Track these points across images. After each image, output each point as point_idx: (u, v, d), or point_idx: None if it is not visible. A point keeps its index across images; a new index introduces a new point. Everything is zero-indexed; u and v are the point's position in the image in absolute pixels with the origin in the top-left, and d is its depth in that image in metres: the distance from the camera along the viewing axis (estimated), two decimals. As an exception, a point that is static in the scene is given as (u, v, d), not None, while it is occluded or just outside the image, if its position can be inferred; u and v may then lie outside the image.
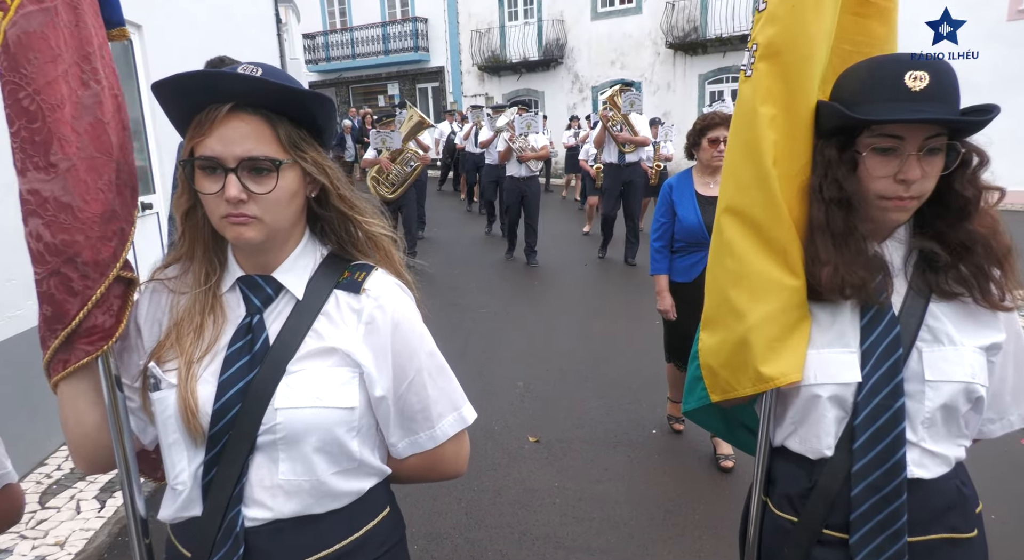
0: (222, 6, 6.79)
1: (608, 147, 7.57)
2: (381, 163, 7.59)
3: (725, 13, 15.21)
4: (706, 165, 3.08)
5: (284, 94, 0.91)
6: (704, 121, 3.03)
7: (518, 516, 2.92)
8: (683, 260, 3.15)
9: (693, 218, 3.04)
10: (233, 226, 0.93)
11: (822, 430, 1.14)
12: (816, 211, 1.13)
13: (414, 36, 20.06)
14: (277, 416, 0.95)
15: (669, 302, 3.23)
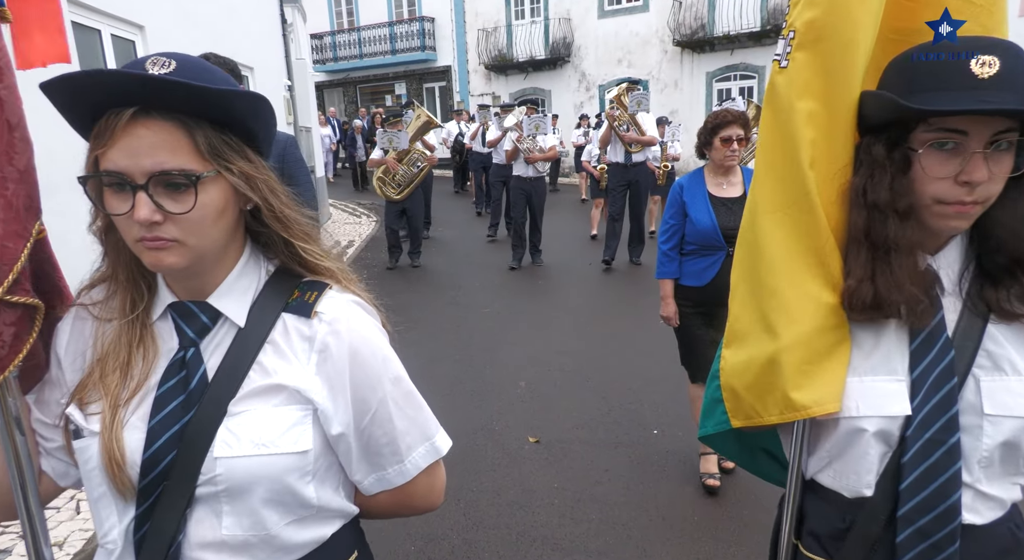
0: (226, 7, 6.82)
1: (614, 147, 7.47)
2: (388, 163, 7.51)
3: (733, 11, 15.13)
4: (718, 165, 2.97)
5: (199, 94, 0.76)
6: (716, 119, 2.91)
7: (516, 517, 2.91)
8: (696, 263, 3.00)
9: (707, 220, 2.91)
10: (149, 251, 0.80)
11: (862, 467, 1.00)
12: (857, 218, 0.99)
13: (421, 36, 20.08)
14: (217, 466, 0.82)
15: (673, 309, 3.08)
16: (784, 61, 1.04)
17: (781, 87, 1.04)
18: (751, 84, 15.55)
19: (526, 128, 7.58)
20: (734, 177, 3.00)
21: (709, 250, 2.95)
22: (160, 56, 0.78)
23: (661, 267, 3.09)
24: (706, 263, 2.96)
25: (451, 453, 3.37)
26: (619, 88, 7.49)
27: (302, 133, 10.01)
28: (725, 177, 2.99)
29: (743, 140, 2.90)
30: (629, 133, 7.28)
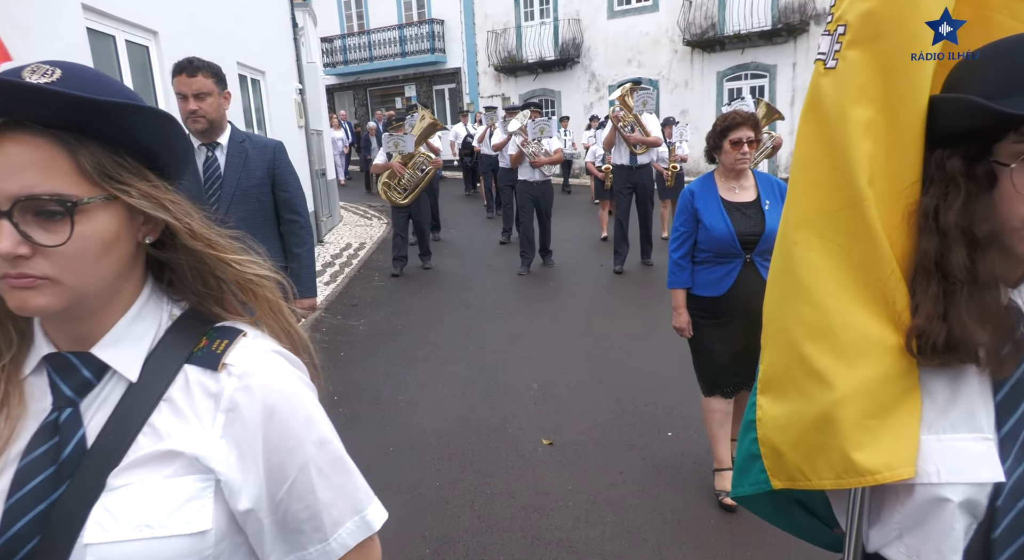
0: (238, 12, 6.86)
1: (619, 148, 7.32)
2: (393, 168, 7.41)
3: (743, 9, 15.04)
4: (729, 168, 2.87)
5: (84, 107, 0.65)
6: (725, 121, 2.81)
7: (530, 520, 2.90)
8: (710, 272, 2.88)
9: (722, 226, 2.79)
10: (14, 291, 0.66)
11: (945, 544, 0.83)
12: (927, 244, 0.84)
13: (430, 38, 20.12)
14: (87, 554, 0.67)
15: (686, 319, 2.98)
16: (831, 61, 0.89)
17: (828, 92, 0.89)
18: (762, 83, 15.46)
19: (531, 132, 7.43)
20: (746, 181, 2.91)
21: (725, 258, 2.83)
22: (45, 63, 0.68)
23: (672, 276, 2.97)
24: (722, 271, 2.85)
25: (465, 455, 3.38)
26: (623, 88, 7.31)
27: (313, 136, 10.05)
28: (737, 181, 2.90)
29: (754, 142, 2.82)
30: (634, 134, 7.14)
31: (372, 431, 3.80)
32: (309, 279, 2.88)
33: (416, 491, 3.15)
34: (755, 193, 2.88)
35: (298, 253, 2.82)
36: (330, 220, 10.95)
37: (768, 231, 2.75)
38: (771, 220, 2.77)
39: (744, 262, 2.80)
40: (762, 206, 2.82)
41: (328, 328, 5.81)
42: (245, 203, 2.66)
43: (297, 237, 2.84)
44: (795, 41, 14.83)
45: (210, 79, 2.57)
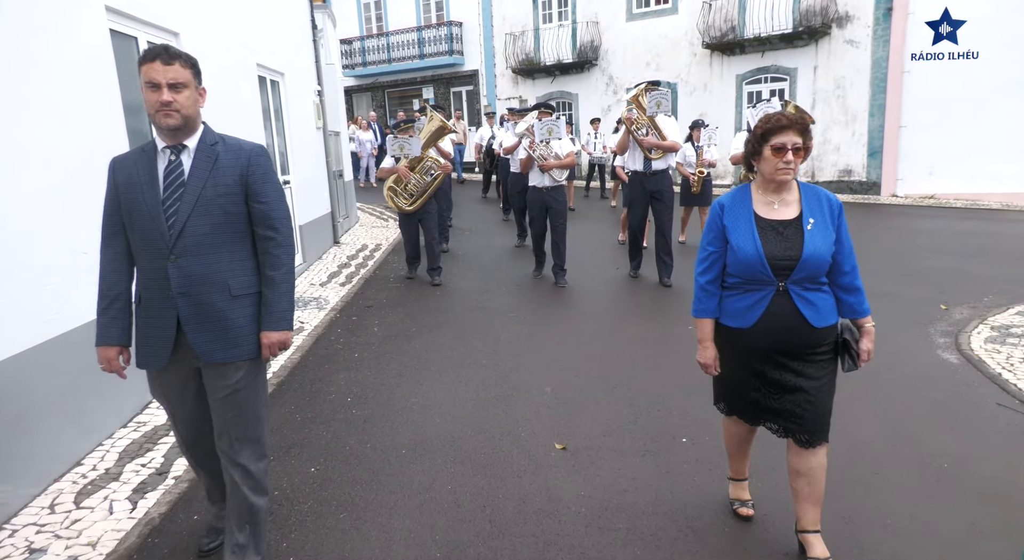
0: (259, 13, 6.91)
1: (632, 153, 6.83)
2: (399, 172, 7.01)
3: (764, 12, 14.91)
4: (769, 179, 2.43)
5: None
6: (766, 124, 2.40)
7: (542, 525, 2.88)
8: (737, 300, 2.50)
9: (751, 248, 2.40)
10: None
11: None
12: None
13: (449, 40, 20.18)
14: None
15: (712, 354, 2.61)
16: None
17: None
18: (782, 86, 15.31)
19: (538, 133, 6.87)
20: (788, 194, 2.48)
21: (754, 285, 2.44)
22: None
23: (698, 303, 2.59)
24: (750, 300, 2.46)
25: (477, 458, 3.36)
26: (637, 88, 6.74)
27: (331, 137, 10.11)
28: (777, 194, 2.47)
29: (801, 150, 2.37)
30: (648, 137, 6.62)
31: (385, 433, 3.80)
32: (283, 308, 2.41)
33: (428, 494, 3.14)
34: (797, 209, 2.45)
35: (272, 276, 2.39)
36: (347, 221, 11.01)
37: (808, 255, 2.35)
38: (812, 242, 2.36)
39: (776, 291, 2.41)
40: (803, 225, 2.40)
41: (342, 329, 5.83)
42: (208, 215, 2.29)
43: (272, 257, 2.41)
44: (816, 44, 14.66)
45: (188, 70, 2.27)
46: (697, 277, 2.60)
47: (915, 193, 14.05)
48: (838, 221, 2.45)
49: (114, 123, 3.92)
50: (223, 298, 2.33)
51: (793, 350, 2.46)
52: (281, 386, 4.51)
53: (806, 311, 2.40)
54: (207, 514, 2.88)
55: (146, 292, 2.35)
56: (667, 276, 6.92)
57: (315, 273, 7.99)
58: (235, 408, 2.41)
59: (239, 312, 2.37)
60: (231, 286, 2.35)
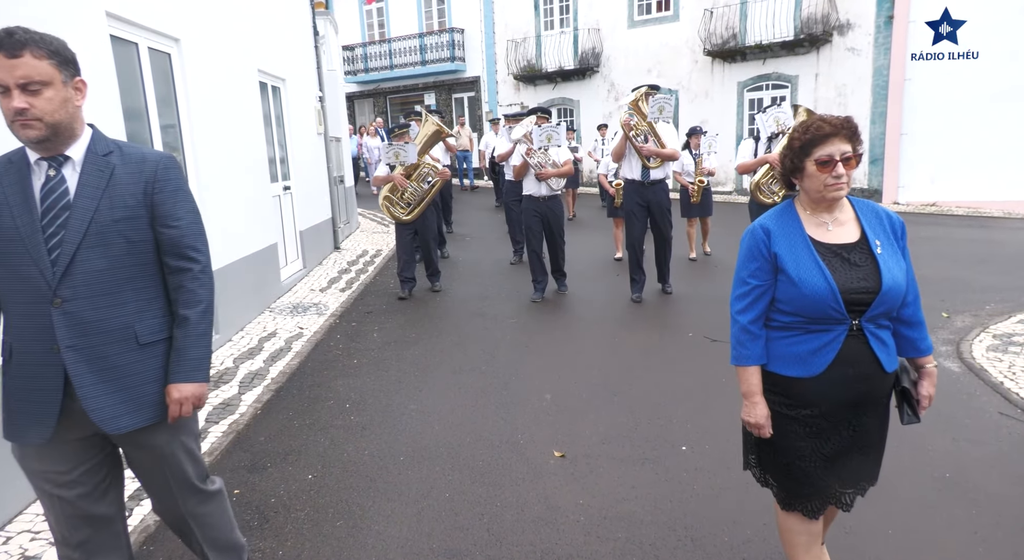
0: (260, 19, 6.93)
1: (629, 161, 6.44)
2: (394, 181, 6.70)
3: (765, 19, 14.94)
4: (817, 199, 2.02)
5: None
6: (807, 133, 1.98)
7: (541, 534, 2.85)
8: (796, 343, 2.03)
9: (819, 280, 1.94)
10: None
11: None
12: None
13: (451, 46, 20.25)
14: None
15: (764, 412, 2.08)
16: None
17: None
18: (783, 93, 15.32)
19: (536, 139, 6.49)
20: (842, 213, 2.07)
21: (821, 324, 1.98)
22: None
23: (741, 349, 2.10)
24: (816, 343, 1.99)
25: (476, 465, 3.33)
26: (637, 92, 6.28)
27: (332, 143, 10.12)
28: (829, 213, 2.06)
29: (852, 159, 1.96)
30: (647, 145, 6.25)
31: (383, 440, 3.78)
32: (197, 355, 1.93)
33: (425, 502, 3.12)
34: (857, 230, 2.05)
35: (185, 316, 1.92)
36: (347, 227, 11.02)
37: (889, 286, 1.93)
38: (889, 270, 1.95)
39: (849, 331, 1.97)
40: (872, 249, 2.00)
41: (342, 335, 5.81)
42: (104, 245, 1.81)
43: (186, 293, 1.93)
44: (817, 51, 14.69)
45: (46, 61, 1.73)
46: (736, 316, 2.11)
47: (916, 200, 14.04)
48: (902, 242, 2.06)
49: (114, 129, 3.92)
50: (127, 349, 1.87)
51: (862, 401, 2.03)
52: (279, 392, 4.50)
53: (880, 353, 1.99)
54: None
55: (20, 345, 1.84)
56: (666, 281, 6.84)
57: (315, 278, 7.98)
58: (162, 475, 2.02)
59: (149, 364, 1.91)
60: (138, 332, 1.88)
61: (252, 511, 3.06)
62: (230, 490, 3.23)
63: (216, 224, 5.37)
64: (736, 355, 2.12)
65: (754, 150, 6.21)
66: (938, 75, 13.37)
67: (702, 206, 8.46)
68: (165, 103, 4.75)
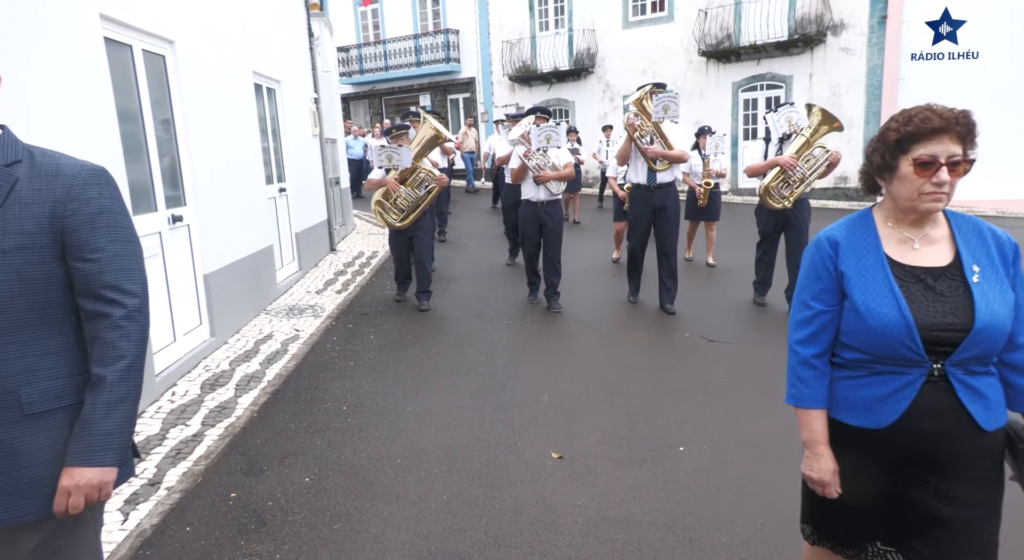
0: (255, 21, 6.91)
1: (635, 164, 6.12)
2: (388, 185, 6.33)
3: (759, 20, 14.99)
4: (906, 208, 1.64)
5: None
6: (908, 124, 1.58)
7: (539, 535, 2.85)
8: (861, 386, 1.67)
9: (891, 312, 1.58)
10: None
11: None
12: None
13: (446, 47, 20.25)
14: None
15: (830, 467, 1.71)
16: None
17: None
18: (778, 94, 15.36)
19: (535, 141, 6.14)
20: (934, 229, 1.68)
21: (891, 365, 1.61)
22: None
23: (800, 386, 1.74)
24: (884, 388, 1.62)
25: (473, 467, 3.33)
26: (641, 91, 5.99)
27: (327, 145, 10.10)
28: (917, 228, 1.67)
29: (960, 164, 1.57)
30: (653, 146, 5.92)
31: (380, 442, 3.77)
32: (107, 429, 1.46)
33: (423, 504, 3.11)
34: (951, 251, 1.65)
35: (100, 376, 1.46)
36: (343, 229, 11.00)
37: (983, 325, 1.54)
38: (986, 304, 1.56)
39: (928, 376, 1.59)
40: (966, 276, 1.60)
41: (338, 337, 5.80)
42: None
43: (103, 346, 1.48)
44: (811, 51, 14.73)
45: None
46: (795, 347, 1.76)
47: (911, 200, 14.09)
48: (1013, 269, 1.63)
49: (108, 131, 3.91)
50: (5, 420, 1.42)
51: (946, 463, 1.62)
52: (276, 395, 4.48)
53: (972, 406, 1.58)
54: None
55: None
56: (670, 302, 6.23)
57: (311, 281, 7.96)
58: None
59: (38, 441, 1.45)
60: (24, 399, 1.43)
61: (249, 514, 3.05)
62: (227, 494, 3.22)
63: (211, 226, 5.36)
64: (796, 395, 1.74)
65: (764, 152, 6.03)
66: (932, 75, 13.42)
67: (709, 210, 8.07)
68: (160, 105, 4.74)
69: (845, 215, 1.82)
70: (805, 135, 5.75)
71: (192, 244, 5.10)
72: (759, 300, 6.40)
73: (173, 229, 4.79)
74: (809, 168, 5.76)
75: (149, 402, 4.24)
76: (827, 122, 5.69)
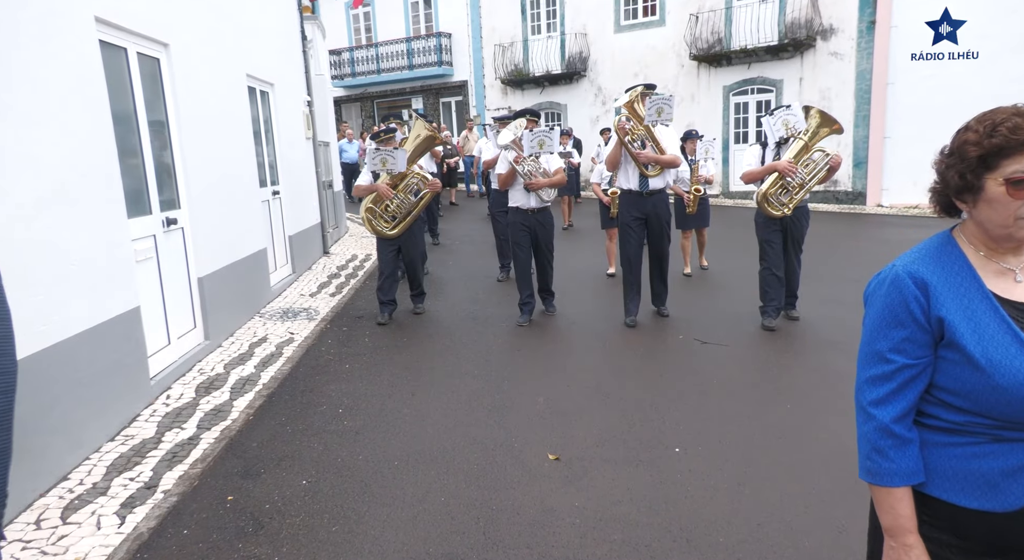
0: (249, 24, 6.91)
1: (625, 169, 5.85)
2: (379, 191, 6.03)
3: (750, 25, 15.10)
4: (1002, 236, 1.32)
5: None
6: (992, 137, 1.26)
7: (536, 536, 2.86)
8: (980, 456, 1.30)
9: (1017, 361, 1.24)
10: None
11: None
12: None
13: (438, 51, 20.27)
14: None
15: None
16: None
17: None
18: (768, 98, 15.47)
19: (526, 146, 5.81)
20: None
21: (1019, 429, 1.26)
22: None
23: (881, 460, 1.36)
24: (1014, 459, 1.27)
25: (471, 469, 3.33)
26: (632, 92, 5.71)
27: (320, 148, 10.10)
28: (1015, 256, 1.35)
29: None
30: (645, 151, 5.68)
31: (377, 444, 3.78)
32: None
33: (421, 506, 3.12)
34: None
35: None
36: (336, 232, 10.99)
37: None
38: None
39: None
40: None
41: (333, 340, 5.80)
42: None
43: None
44: (801, 56, 14.85)
45: None
46: (869, 409, 1.39)
47: (900, 203, 14.21)
48: None
49: (103, 134, 3.90)
50: None
51: None
52: (271, 397, 4.48)
53: None
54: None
55: None
56: (662, 304, 6.19)
57: (305, 283, 7.95)
58: None
59: None
60: None
61: (247, 517, 3.05)
62: (223, 497, 3.22)
63: (206, 229, 5.35)
64: (874, 469, 1.37)
65: (761, 157, 5.71)
66: (920, 79, 13.57)
67: (699, 217, 7.87)
68: (154, 108, 4.73)
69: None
70: (803, 139, 5.46)
71: (187, 247, 5.09)
72: (768, 325, 5.68)
73: (167, 232, 4.78)
74: (809, 173, 5.47)
75: (144, 405, 4.23)
76: (826, 124, 5.45)
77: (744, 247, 6.50)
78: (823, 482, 3.24)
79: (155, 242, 4.59)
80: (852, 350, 5.18)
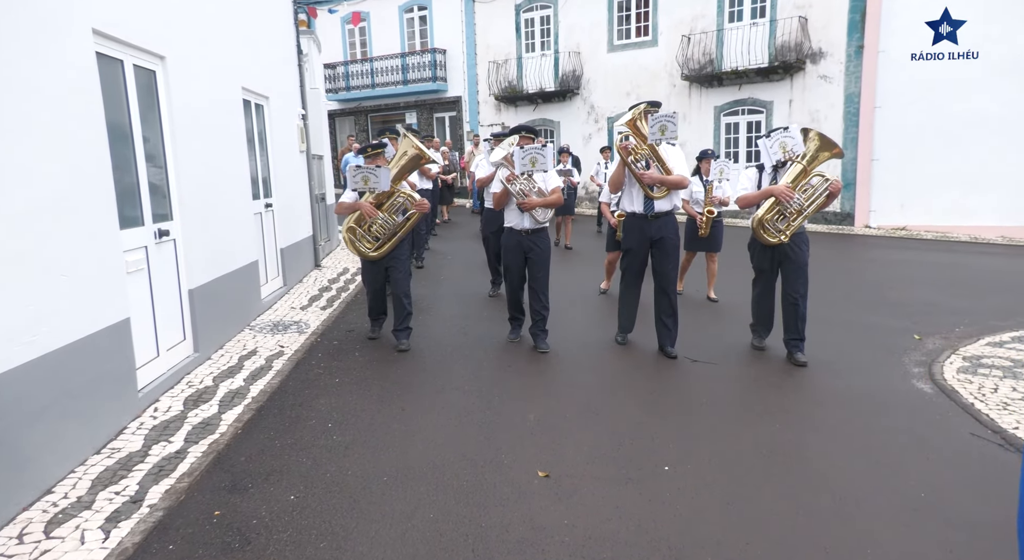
0: (245, 38, 6.95)
1: (629, 191, 5.53)
2: (362, 210, 5.65)
3: (741, 46, 15.34)
4: None
5: None
6: None
7: (525, 554, 2.85)
8: None
9: None
10: None
11: None
12: None
13: (432, 66, 20.43)
14: None
15: None
16: None
17: None
18: (759, 119, 15.68)
19: (518, 164, 5.53)
20: None
21: None
22: None
23: None
24: None
25: (460, 486, 3.32)
26: (634, 110, 5.40)
27: (314, 160, 10.12)
28: None
29: None
30: (650, 172, 5.35)
31: (366, 459, 3.76)
32: None
33: (409, 522, 3.10)
34: None
35: None
36: (328, 244, 10.98)
37: None
38: None
39: None
40: None
41: (323, 354, 5.78)
42: None
43: None
44: (791, 78, 15.08)
45: None
46: None
47: (887, 224, 14.39)
48: None
49: (97, 145, 3.90)
50: None
51: None
52: (260, 411, 4.45)
53: None
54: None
55: None
56: (671, 344, 5.59)
57: (296, 296, 7.93)
58: None
59: None
60: None
61: (233, 533, 3.02)
62: (210, 511, 3.19)
63: (197, 241, 5.34)
64: None
65: (757, 181, 5.47)
66: (908, 103, 13.80)
67: (710, 240, 7.48)
68: (149, 122, 4.74)
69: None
70: (802, 163, 5.20)
71: (178, 259, 5.07)
72: (757, 344, 5.74)
73: (159, 244, 4.77)
74: (807, 199, 5.20)
75: (131, 418, 4.19)
76: (826, 148, 5.20)
77: (736, 264, 6.55)
78: (811, 501, 3.26)
79: (146, 253, 4.58)
80: (839, 369, 5.23)
